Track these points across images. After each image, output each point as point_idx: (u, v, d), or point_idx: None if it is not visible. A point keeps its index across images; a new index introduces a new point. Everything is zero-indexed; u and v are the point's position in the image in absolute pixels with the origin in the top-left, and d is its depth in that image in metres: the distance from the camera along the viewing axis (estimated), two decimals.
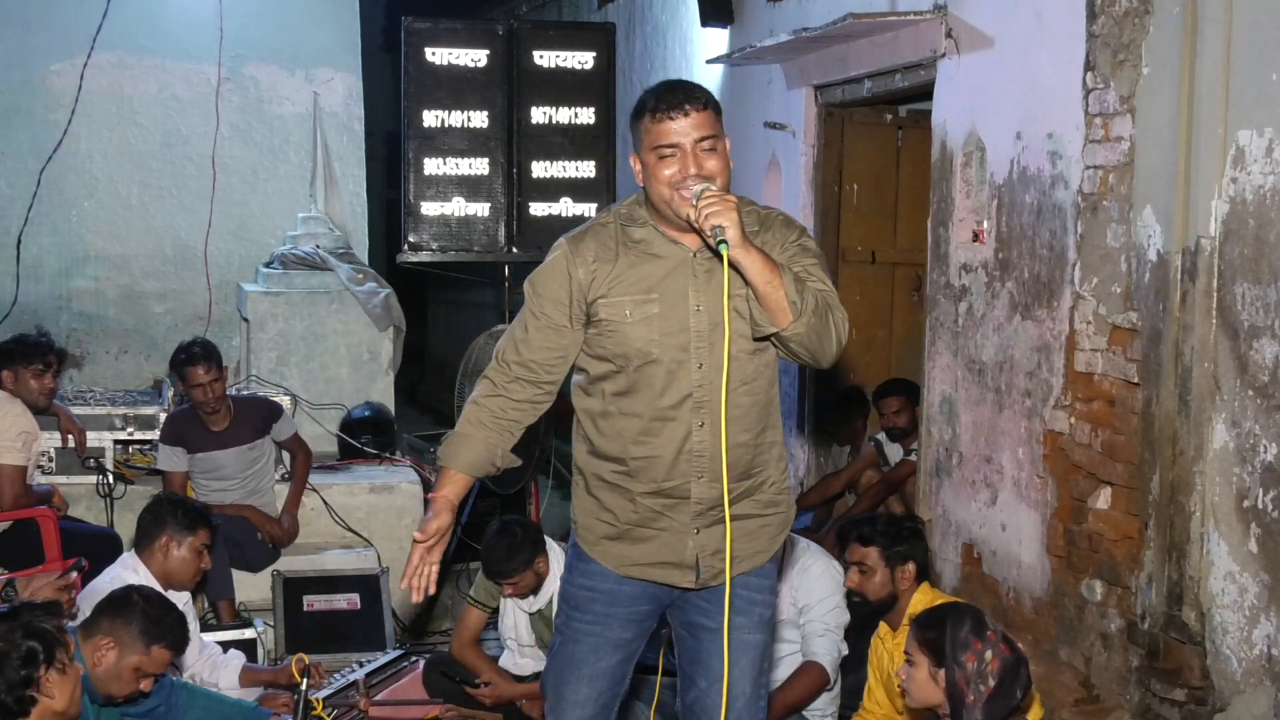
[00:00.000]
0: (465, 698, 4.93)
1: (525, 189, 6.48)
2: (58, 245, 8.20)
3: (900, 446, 6.51)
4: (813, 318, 2.88)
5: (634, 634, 3.24)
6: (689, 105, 2.95)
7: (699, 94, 2.99)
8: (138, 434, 6.31)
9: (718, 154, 2.96)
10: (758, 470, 3.12)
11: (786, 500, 3.22)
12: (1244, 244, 4.11)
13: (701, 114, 2.95)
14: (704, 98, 2.99)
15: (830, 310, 2.92)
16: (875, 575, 4.05)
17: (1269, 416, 4.02)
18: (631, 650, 3.27)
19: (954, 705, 3.08)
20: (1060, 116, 4.93)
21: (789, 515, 3.22)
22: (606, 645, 3.22)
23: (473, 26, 6.64)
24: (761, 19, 7.29)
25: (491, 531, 4.88)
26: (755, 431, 3.10)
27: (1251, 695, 4.09)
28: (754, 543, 3.14)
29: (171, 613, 3.83)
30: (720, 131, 2.98)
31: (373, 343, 7.45)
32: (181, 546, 4.59)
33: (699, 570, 3.11)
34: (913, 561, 4.05)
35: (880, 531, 4.07)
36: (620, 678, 3.28)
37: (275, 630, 5.73)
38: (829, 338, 2.93)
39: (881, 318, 7.30)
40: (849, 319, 3.03)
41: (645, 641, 3.32)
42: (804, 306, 2.86)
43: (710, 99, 3.00)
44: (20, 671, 3.01)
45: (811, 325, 2.88)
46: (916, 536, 4.14)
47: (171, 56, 8.28)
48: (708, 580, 3.12)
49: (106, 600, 3.78)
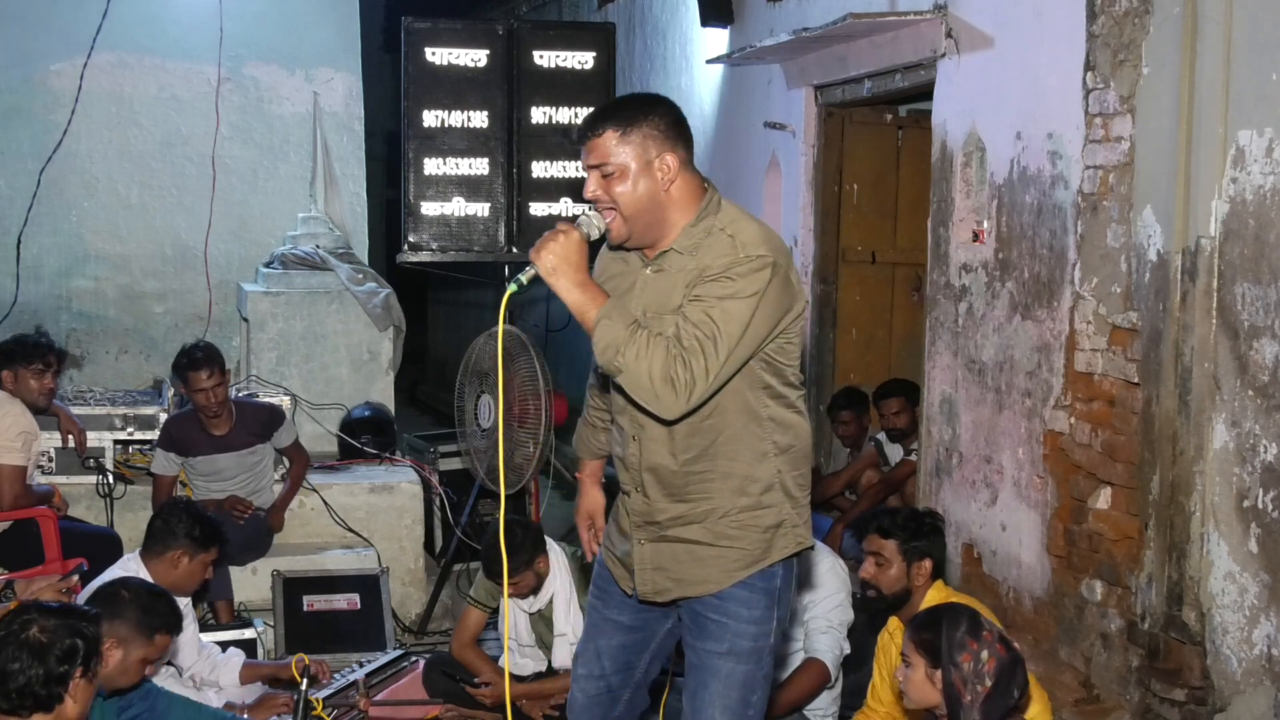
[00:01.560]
0: (465, 698, 4.93)
1: (525, 189, 6.48)
2: (58, 245, 8.20)
3: (900, 447, 6.51)
4: (621, 358, 2.83)
5: (631, 620, 3.29)
6: (588, 133, 3.01)
7: (601, 119, 3.00)
8: (138, 434, 6.32)
9: (614, 180, 2.97)
10: (695, 497, 3.08)
11: (753, 539, 3.08)
12: (1244, 244, 4.10)
13: (595, 140, 2.98)
14: (604, 124, 2.98)
15: (666, 367, 2.81)
16: (891, 568, 4.02)
17: (1269, 416, 4.02)
18: (635, 640, 3.32)
19: (951, 706, 3.08)
20: (1060, 116, 4.93)
21: (757, 556, 3.08)
22: (606, 623, 3.33)
23: (473, 26, 6.64)
24: (761, 19, 7.29)
25: (491, 531, 4.88)
26: (688, 457, 3.05)
27: (1251, 695, 4.09)
28: (702, 570, 3.10)
29: (161, 598, 3.85)
30: (623, 157, 2.96)
31: (373, 343, 7.45)
32: (193, 561, 4.59)
33: (634, 577, 3.18)
34: (929, 558, 4.02)
35: (901, 525, 4.04)
36: (624, 666, 3.34)
37: (275, 630, 5.73)
38: (641, 385, 2.85)
39: (881, 318, 7.30)
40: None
41: (657, 641, 3.34)
42: (619, 344, 2.83)
43: (615, 122, 2.97)
44: (60, 666, 3.01)
45: (617, 365, 2.85)
46: (936, 533, 4.10)
47: (171, 56, 8.28)
48: (648, 594, 3.17)
49: (95, 600, 3.76)
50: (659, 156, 2.98)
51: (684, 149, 3.03)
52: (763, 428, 3.06)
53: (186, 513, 4.67)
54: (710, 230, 2.99)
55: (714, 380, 2.86)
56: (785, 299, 2.96)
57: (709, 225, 3.00)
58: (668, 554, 3.12)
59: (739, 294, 2.87)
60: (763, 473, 3.07)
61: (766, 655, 3.16)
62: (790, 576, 3.17)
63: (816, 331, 7.06)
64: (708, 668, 3.13)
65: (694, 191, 3.03)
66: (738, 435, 3.05)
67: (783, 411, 3.08)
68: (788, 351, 3.06)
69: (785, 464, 3.09)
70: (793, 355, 3.08)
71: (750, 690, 3.14)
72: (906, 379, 6.66)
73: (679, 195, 3.01)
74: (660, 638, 3.34)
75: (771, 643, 3.15)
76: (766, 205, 7.38)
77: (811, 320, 7.02)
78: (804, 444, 3.14)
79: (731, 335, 2.85)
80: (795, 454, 3.11)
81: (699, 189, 3.04)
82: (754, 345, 2.93)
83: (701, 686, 3.14)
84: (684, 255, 3.00)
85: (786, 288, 2.96)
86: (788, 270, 2.97)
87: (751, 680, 3.14)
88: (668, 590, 3.15)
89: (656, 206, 2.99)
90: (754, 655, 3.13)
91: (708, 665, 3.13)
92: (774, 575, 3.11)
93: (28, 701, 2.98)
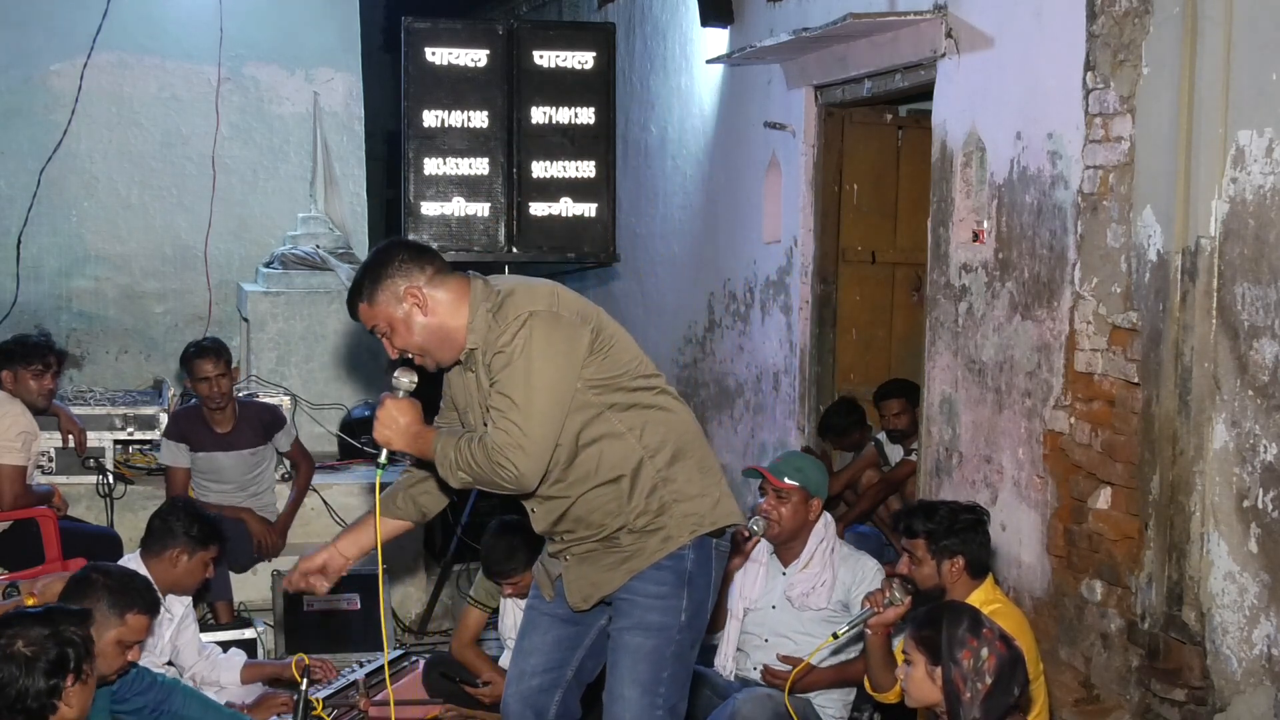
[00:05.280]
0: (465, 698, 4.93)
1: (525, 189, 6.47)
2: (58, 245, 8.21)
3: (901, 448, 6.51)
4: (463, 474, 3.17)
5: (567, 613, 3.43)
6: (352, 314, 3.33)
7: (351, 301, 3.32)
8: (138, 434, 6.32)
9: (393, 335, 3.28)
10: (588, 523, 3.31)
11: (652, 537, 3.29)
12: (1244, 244, 4.10)
13: (363, 311, 3.29)
14: (354, 304, 3.30)
15: (489, 456, 3.10)
16: (923, 566, 3.99)
17: (1269, 416, 4.02)
18: (571, 634, 3.46)
19: (951, 703, 3.08)
20: (1060, 116, 4.92)
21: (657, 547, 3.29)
22: (543, 619, 3.52)
23: (473, 26, 6.64)
24: (761, 19, 7.29)
25: (491, 531, 4.88)
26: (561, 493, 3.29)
27: (1251, 695, 4.09)
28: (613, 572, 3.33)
29: (135, 578, 3.82)
30: (382, 314, 3.26)
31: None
32: (191, 559, 4.59)
33: (566, 593, 3.41)
34: (961, 556, 3.94)
35: (935, 522, 3.98)
36: (557, 663, 3.49)
37: (275, 630, 5.72)
38: (489, 482, 3.16)
39: (881, 318, 7.29)
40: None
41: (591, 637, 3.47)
42: (454, 467, 3.18)
43: (360, 297, 3.27)
44: (48, 680, 2.99)
45: (467, 480, 3.19)
46: (973, 530, 3.99)
47: (171, 56, 8.29)
48: (578, 604, 3.39)
49: (69, 587, 3.74)
50: (407, 296, 3.24)
51: (427, 270, 3.26)
52: (625, 441, 3.25)
53: (185, 511, 4.67)
54: (483, 316, 3.22)
55: (538, 444, 3.11)
56: (560, 334, 3.16)
57: (482, 312, 3.22)
58: (587, 565, 3.36)
59: (513, 360, 3.12)
60: (642, 480, 3.26)
61: (676, 633, 3.30)
62: (706, 558, 3.33)
63: (816, 331, 7.06)
64: (618, 646, 3.33)
65: (458, 297, 3.26)
66: (603, 458, 3.25)
67: (641, 415, 3.27)
68: (610, 365, 3.23)
69: (664, 459, 3.28)
70: (620, 364, 3.26)
71: (659, 666, 3.29)
72: (907, 379, 6.66)
73: (446, 311, 3.26)
74: (594, 635, 3.47)
75: (683, 620, 3.30)
76: (766, 205, 7.38)
77: (811, 320, 7.02)
78: (680, 430, 3.32)
79: (529, 399, 3.10)
80: (674, 445, 3.30)
81: (461, 290, 3.26)
82: (560, 392, 3.14)
83: (613, 665, 3.34)
84: (477, 346, 3.24)
85: (555, 325, 3.16)
86: (550, 308, 3.17)
87: (659, 655, 3.29)
88: (591, 594, 3.36)
89: (436, 331, 3.26)
90: (661, 630, 3.29)
91: (619, 643, 3.32)
92: (683, 557, 3.29)
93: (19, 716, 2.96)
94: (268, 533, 5.98)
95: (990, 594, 3.95)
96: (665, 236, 8.88)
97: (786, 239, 7.18)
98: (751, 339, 7.66)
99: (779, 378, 7.35)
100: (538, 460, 3.12)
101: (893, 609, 3.75)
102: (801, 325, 7.06)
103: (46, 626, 3.05)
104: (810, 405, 7.18)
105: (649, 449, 3.27)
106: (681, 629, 3.31)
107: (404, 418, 3.30)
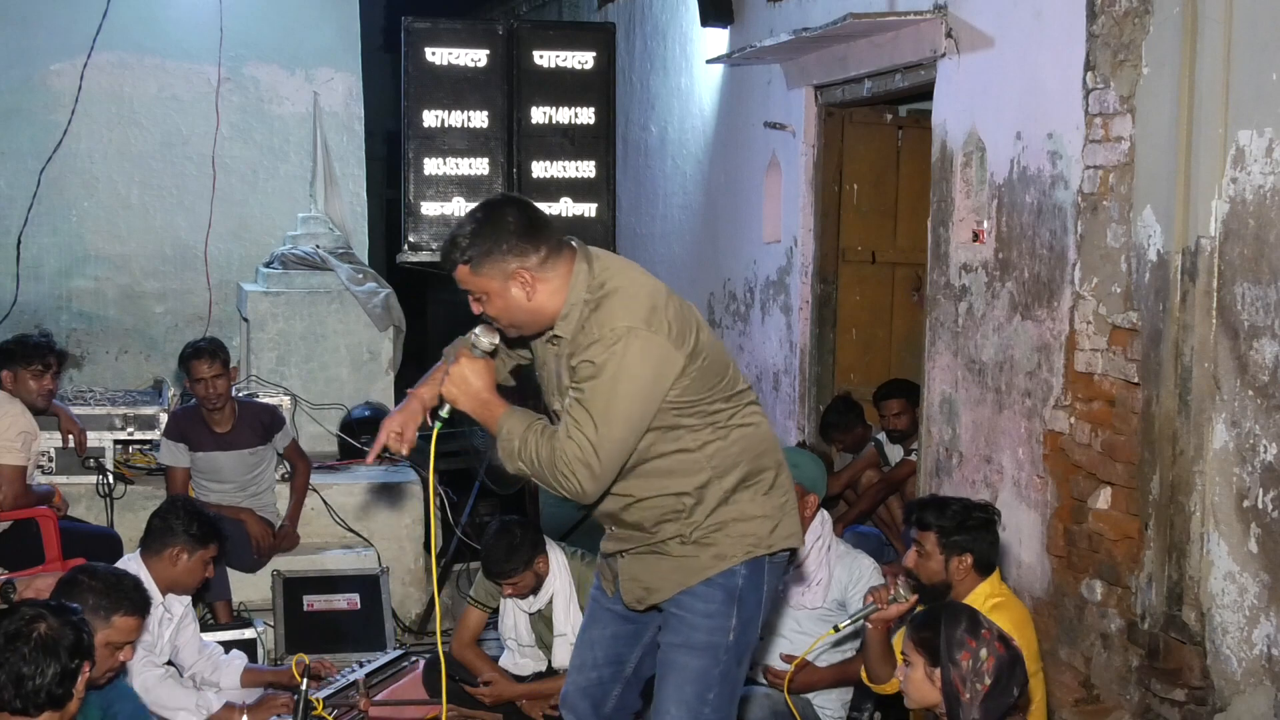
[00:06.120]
0: (465, 698, 4.93)
1: (525, 189, 6.47)
2: (58, 245, 8.21)
3: (901, 448, 6.51)
4: (522, 465, 3.10)
5: (626, 611, 3.39)
6: (445, 264, 3.17)
7: (451, 253, 3.14)
8: (138, 434, 6.31)
9: (485, 302, 3.14)
10: (647, 529, 3.26)
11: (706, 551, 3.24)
12: (1244, 244, 4.10)
13: (459, 272, 3.13)
14: (456, 259, 3.12)
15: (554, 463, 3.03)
16: (930, 560, 3.97)
17: (1269, 416, 4.02)
18: (628, 631, 3.44)
19: (950, 704, 3.08)
20: (1060, 116, 4.92)
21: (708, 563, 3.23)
22: (604, 613, 3.49)
23: (473, 26, 6.64)
24: (761, 19, 7.29)
25: (491, 531, 4.88)
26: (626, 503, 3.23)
27: (1251, 695, 4.09)
28: (665, 577, 3.28)
29: (123, 579, 3.78)
30: (483, 285, 3.11)
31: (373, 343, 7.45)
32: (191, 558, 4.58)
33: (616, 583, 3.40)
34: (970, 553, 3.92)
35: (946, 517, 3.96)
36: (615, 659, 3.47)
37: (275, 630, 5.72)
38: (547, 483, 3.10)
39: (881, 318, 7.30)
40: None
41: (649, 636, 3.44)
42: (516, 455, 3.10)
43: (465, 256, 3.10)
44: (72, 661, 2.98)
45: (523, 471, 3.11)
46: (983, 528, 3.98)
47: (171, 56, 8.29)
48: (631, 603, 3.36)
49: (57, 589, 3.72)
50: (516, 274, 3.09)
51: (541, 250, 3.10)
52: (694, 458, 3.18)
53: (184, 509, 4.67)
54: (579, 309, 3.10)
55: (607, 467, 3.04)
56: (653, 359, 3.04)
57: (579, 304, 3.11)
58: (639, 565, 3.32)
59: (600, 375, 3.01)
60: (707, 499, 3.20)
61: (724, 653, 3.25)
62: (758, 578, 3.26)
63: (816, 331, 7.06)
64: (666, 662, 3.28)
65: (560, 281, 3.12)
66: (672, 473, 3.18)
67: (715, 434, 3.18)
68: (697, 388, 3.13)
69: (732, 481, 3.20)
70: (707, 386, 3.16)
71: (706, 686, 3.24)
72: (907, 379, 6.66)
73: (546, 296, 3.12)
74: (652, 632, 3.44)
75: (730, 640, 3.24)
76: (766, 205, 7.38)
77: (811, 320, 7.03)
78: (756, 449, 3.25)
79: (608, 421, 3.01)
80: (745, 467, 3.22)
81: (566, 273, 3.12)
82: (640, 420, 3.06)
83: (661, 681, 3.30)
84: (565, 337, 3.15)
85: (650, 348, 3.03)
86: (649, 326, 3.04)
87: (706, 675, 3.24)
88: (644, 597, 3.33)
89: (533, 312, 3.14)
90: (709, 650, 3.24)
91: (666, 660, 3.28)
92: (735, 574, 3.23)
93: (41, 700, 2.95)
94: (267, 533, 5.99)
95: (995, 587, 3.96)
96: (665, 236, 8.88)
97: (786, 239, 7.18)
98: (752, 339, 7.66)
99: (779, 378, 7.35)
100: (603, 481, 3.07)
101: (896, 605, 3.75)
102: (801, 325, 7.06)
103: (58, 614, 3.03)
104: (810, 405, 7.18)
105: (718, 469, 3.19)
106: (729, 649, 3.25)
107: (478, 380, 3.18)
